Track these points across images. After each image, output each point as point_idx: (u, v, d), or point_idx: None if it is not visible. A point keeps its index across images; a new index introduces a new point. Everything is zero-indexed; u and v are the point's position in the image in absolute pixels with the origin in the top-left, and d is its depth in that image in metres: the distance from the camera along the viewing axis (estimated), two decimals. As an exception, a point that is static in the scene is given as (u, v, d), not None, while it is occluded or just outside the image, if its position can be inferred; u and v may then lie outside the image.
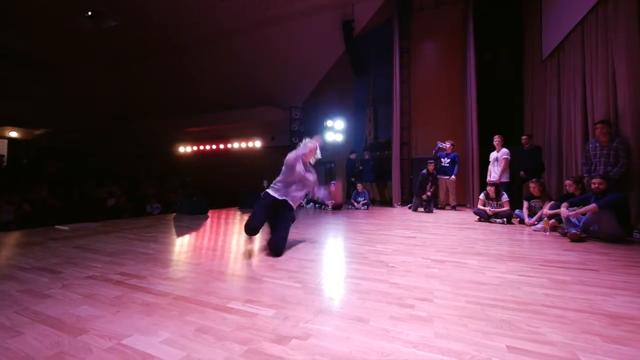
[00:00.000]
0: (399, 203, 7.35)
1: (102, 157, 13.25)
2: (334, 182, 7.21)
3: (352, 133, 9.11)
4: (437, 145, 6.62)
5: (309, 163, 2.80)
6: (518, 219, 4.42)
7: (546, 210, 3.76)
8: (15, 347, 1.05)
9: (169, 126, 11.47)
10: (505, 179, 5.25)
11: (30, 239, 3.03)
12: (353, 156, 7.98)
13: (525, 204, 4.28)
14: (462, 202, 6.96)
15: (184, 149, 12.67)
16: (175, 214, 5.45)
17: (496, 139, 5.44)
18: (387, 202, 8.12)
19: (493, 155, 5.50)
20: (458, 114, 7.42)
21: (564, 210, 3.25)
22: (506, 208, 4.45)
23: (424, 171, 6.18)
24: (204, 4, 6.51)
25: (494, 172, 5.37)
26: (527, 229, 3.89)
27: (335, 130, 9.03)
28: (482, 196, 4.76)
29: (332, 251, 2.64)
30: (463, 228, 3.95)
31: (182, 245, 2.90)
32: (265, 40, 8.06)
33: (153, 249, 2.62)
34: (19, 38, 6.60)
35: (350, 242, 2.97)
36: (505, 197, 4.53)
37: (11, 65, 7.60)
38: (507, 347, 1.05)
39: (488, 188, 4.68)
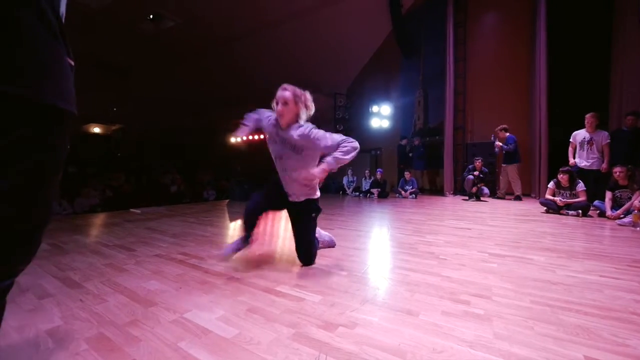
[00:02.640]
0: (452, 192, 6.89)
1: (167, 148, 14.66)
2: (380, 170, 7.02)
3: (400, 118, 8.70)
4: (495, 144, 5.97)
5: (299, 121, 1.84)
6: (598, 212, 3.83)
7: (637, 202, 3.18)
8: (102, 313, 1.22)
9: (222, 118, 12.20)
10: (596, 167, 4.34)
11: (112, 220, 3.51)
12: (404, 142, 7.64)
13: (609, 194, 3.67)
14: (527, 191, 6.26)
15: (236, 139, 13.41)
16: (228, 200, 5.84)
17: (589, 118, 4.40)
18: (438, 191, 7.68)
19: (581, 135, 4.47)
20: (523, 92, 6.59)
21: (636, 203, 2.72)
22: (582, 198, 3.87)
23: (470, 176, 5.73)
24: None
25: (585, 158, 4.40)
26: (609, 223, 3.35)
27: (382, 115, 8.72)
28: (551, 184, 4.20)
29: (378, 240, 2.58)
30: (527, 220, 3.56)
31: (234, 229, 3.09)
32: (309, 26, 7.99)
33: (210, 232, 2.84)
34: (97, 43, 7.50)
35: (398, 232, 2.86)
36: (581, 186, 3.93)
37: (92, 68, 8.72)
38: (585, 357, 0.91)
39: (560, 175, 4.10)
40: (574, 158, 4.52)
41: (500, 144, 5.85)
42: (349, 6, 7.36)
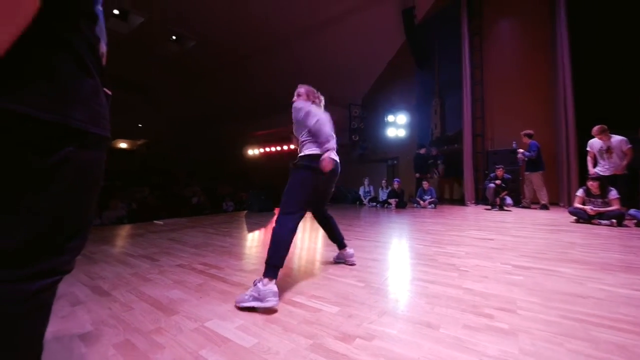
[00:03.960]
0: (473, 201, 6.68)
1: (187, 162, 15.22)
2: (397, 179, 6.94)
3: (416, 127, 8.63)
4: (517, 152, 5.80)
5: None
6: (635, 221, 3.59)
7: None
8: (128, 320, 1.27)
9: (239, 131, 12.60)
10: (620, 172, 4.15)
11: (137, 231, 3.66)
12: (422, 151, 7.52)
13: (644, 201, 3.45)
14: (554, 200, 5.97)
15: (252, 152, 13.74)
16: (246, 211, 5.95)
17: (596, 133, 4.30)
18: (458, 201, 7.47)
19: (597, 143, 4.34)
20: (545, 96, 6.38)
21: None
22: (616, 207, 3.65)
23: (491, 184, 5.56)
24: (265, 15, 6.92)
25: (606, 167, 4.24)
26: (646, 233, 3.13)
27: (398, 125, 8.70)
28: (580, 192, 4.00)
29: (397, 251, 2.54)
30: (555, 230, 3.39)
31: (252, 240, 3.14)
32: (322, 40, 8.18)
33: (229, 243, 2.90)
34: (124, 64, 8.01)
35: (417, 243, 2.81)
36: (614, 194, 3.71)
37: (119, 88, 9.31)
38: (621, 377, 0.85)
39: (589, 183, 3.90)
40: (594, 167, 4.33)
41: (522, 150, 5.66)
42: (361, 19, 7.51)
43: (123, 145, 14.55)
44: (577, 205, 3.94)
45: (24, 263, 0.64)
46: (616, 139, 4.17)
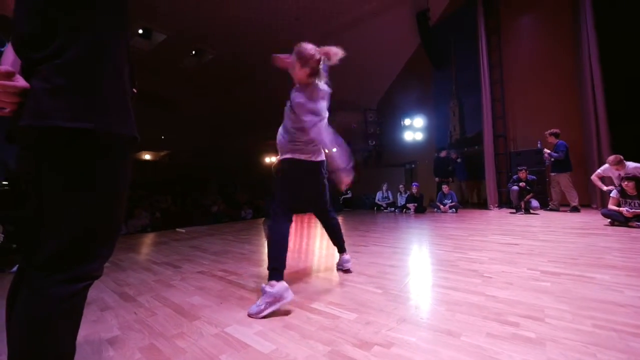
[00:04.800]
0: (496, 205, 6.43)
1: (208, 170, 15.68)
2: (415, 183, 6.81)
3: (434, 130, 8.47)
4: (543, 152, 5.57)
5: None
6: (676, 223, 3.32)
7: None
8: (153, 325, 1.32)
9: (256, 140, 12.86)
10: None
11: (160, 239, 3.80)
12: (443, 154, 7.34)
13: (687, 202, 3.19)
14: (585, 201, 5.64)
15: (270, 159, 13.97)
16: (264, 218, 6.03)
17: (612, 163, 4.14)
18: (481, 204, 7.22)
19: (614, 173, 4.20)
20: (571, 94, 6.09)
21: None
22: (654, 208, 3.40)
23: (515, 187, 5.34)
24: (279, 24, 7.10)
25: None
26: (692, 236, 2.89)
27: (415, 128, 8.57)
28: (614, 194, 3.76)
29: (416, 257, 2.48)
30: (587, 234, 3.19)
31: (270, 246, 3.17)
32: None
33: (247, 250, 2.95)
34: (147, 79, 8.44)
35: (437, 248, 2.74)
36: (651, 194, 3.47)
37: (142, 101, 9.82)
38: (664, 392, 0.79)
39: (624, 183, 3.66)
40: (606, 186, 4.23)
41: (548, 151, 5.41)
42: (375, 25, 7.53)
43: (147, 156, 15.22)
44: (612, 207, 3.70)
45: (62, 267, 0.69)
46: (631, 166, 4.00)
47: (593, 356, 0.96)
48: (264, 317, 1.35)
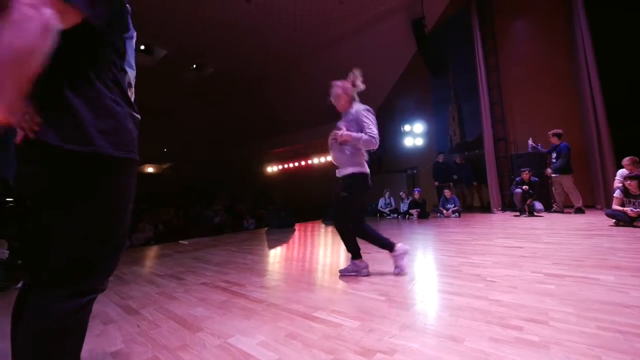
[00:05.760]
0: (500, 208, 6.40)
1: (209, 182, 15.76)
2: (417, 189, 6.80)
3: (435, 135, 8.49)
4: (529, 145, 5.67)
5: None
6: (681, 221, 3.29)
7: None
8: (156, 337, 1.32)
9: (257, 150, 12.97)
10: None
11: (163, 251, 3.80)
12: (441, 158, 7.36)
13: (692, 200, 3.16)
14: (590, 202, 5.60)
15: (272, 169, 14.03)
16: (266, 228, 6.03)
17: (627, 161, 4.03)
18: (484, 208, 7.18)
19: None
20: (569, 96, 6.13)
21: None
22: (658, 207, 3.37)
23: (518, 189, 5.32)
24: (277, 37, 7.23)
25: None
26: (698, 234, 2.86)
27: (415, 134, 8.61)
28: (618, 193, 3.74)
29: (420, 263, 2.47)
30: (591, 235, 3.17)
31: (274, 256, 3.17)
32: (336, 56, 8.38)
33: (250, 260, 2.95)
34: (149, 93, 8.59)
35: (440, 254, 2.72)
36: (655, 193, 3.45)
37: (145, 115, 9.98)
38: (670, 393, 0.78)
39: (627, 182, 3.65)
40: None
41: (533, 144, 5.64)
42: (371, 34, 7.64)
43: (150, 169, 15.35)
44: (616, 207, 3.68)
45: (67, 282, 0.71)
46: None
47: (597, 358, 0.95)
48: (345, 276, 2.09)
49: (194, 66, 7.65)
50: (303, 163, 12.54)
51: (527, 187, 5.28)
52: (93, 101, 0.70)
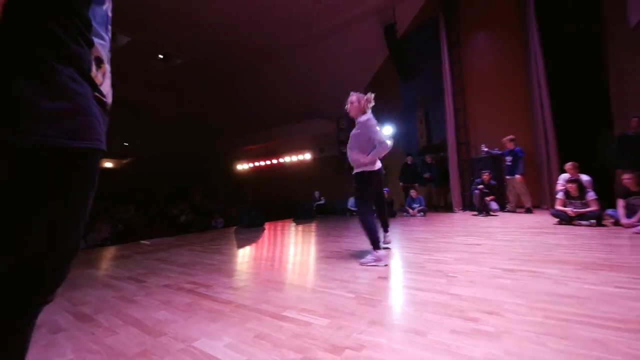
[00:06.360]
0: (460, 208, 6.80)
1: (175, 178, 15.02)
2: (386, 189, 7.01)
3: (403, 137, 8.81)
4: (482, 150, 6.14)
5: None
6: (612, 220, 3.73)
7: (650, 207, 3.10)
8: (113, 345, 1.23)
9: (228, 147, 12.58)
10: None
11: (122, 252, 3.56)
12: (409, 159, 7.63)
13: (621, 202, 3.59)
14: (538, 203, 6.14)
15: (242, 166, 13.69)
16: (235, 227, 5.88)
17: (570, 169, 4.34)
18: (447, 208, 7.59)
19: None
20: (523, 104, 6.66)
21: None
22: (594, 207, 3.79)
23: (477, 190, 5.69)
24: (252, 31, 7.08)
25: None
26: (625, 232, 3.25)
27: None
28: (560, 195, 4.14)
29: (387, 260, 2.55)
30: (539, 233, 3.48)
31: (242, 256, 3.10)
32: (310, 56, 8.39)
33: (218, 260, 2.86)
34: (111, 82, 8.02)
35: (406, 252, 2.84)
36: (592, 195, 3.86)
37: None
38: (601, 372, 0.88)
39: (568, 185, 4.06)
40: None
41: (487, 149, 6.12)
42: (346, 35, 7.76)
43: (108, 164, 14.28)
44: (559, 207, 4.07)
45: (7, 293, 0.61)
46: (584, 178, 4.25)
47: (543, 345, 1.05)
48: (367, 266, 2.29)
49: (161, 56, 7.23)
50: (275, 161, 12.39)
51: (482, 186, 5.65)
52: (41, 77, 0.55)
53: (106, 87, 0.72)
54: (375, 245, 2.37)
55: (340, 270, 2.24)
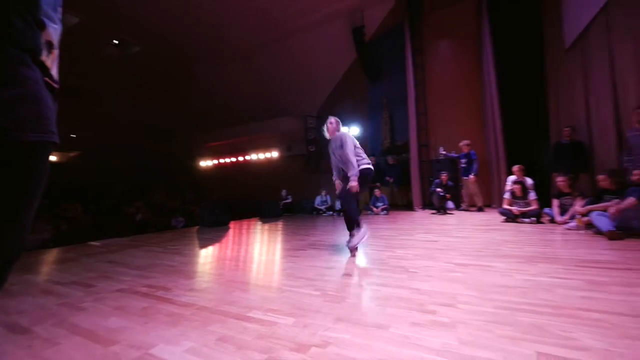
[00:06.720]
0: (420, 207, 7.17)
1: (130, 174, 13.96)
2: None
3: (368, 138, 9.06)
4: (440, 153, 6.59)
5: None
6: (549, 218, 4.18)
7: (578, 207, 3.53)
8: (53, 357, 1.12)
9: (190, 142, 11.97)
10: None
11: (67, 255, 3.23)
12: (373, 160, 7.87)
13: (555, 201, 4.05)
14: (488, 202, 6.69)
15: (206, 163, 13.12)
16: (198, 226, 5.62)
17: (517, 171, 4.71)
18: (408, 206, 7.95)
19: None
20: (478, 111, 7.21)
21: (577, 208, 3.24)
22: (534, 207, 4.22)
23: (439, 190, 6.03)
24: (221, 27, 6.80)
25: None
26: (559, 228, 3.67)
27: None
28: (507, 195, 4.56)
29: (351, 258, 2.61)
30: (489, 230, 3.79)
31: (205, 256, 2.98)
32: (278, 54, 8.28)
33: (178, 261, 2.71)
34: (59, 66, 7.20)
35: (370, 249, 2.93)
36: (532, 195, 4.31)
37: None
38: (537, 353, 0.99)
39: (514, 186, 4.48)
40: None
41: (445, 152, 6.60)
42: (316, 35, 7.77)
43: (51, 157, 12.85)
44: (505, 206, 4.47)
45: None
46: (528, 181, 4.58)
47: (491, 332, 1.15)
48: (356, 246, 2.62)
49: (116, 42, 6.66)
50: (241, 159, 12.05)
51: (440, 189, 6.02)
52: None
53: (54, 72, 0.66)
54: (358, 224, 2.72)
55: (306, 268, 2.25)
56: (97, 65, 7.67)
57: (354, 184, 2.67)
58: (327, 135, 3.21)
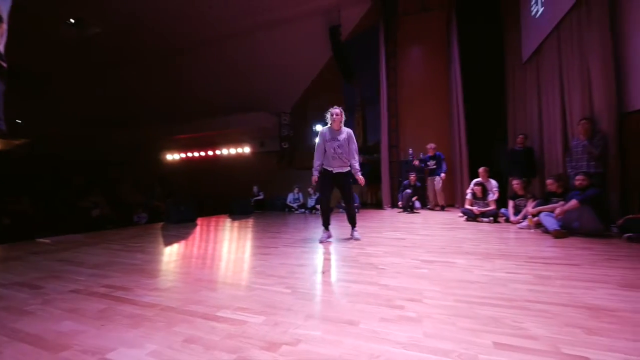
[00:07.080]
0: (389, 205, 7.41)
1: (86, 166, 12.90)
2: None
3: (341, 137, 9.17)
4: (409, 154, 6.88)
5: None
6: (504, 218, 4.52)
7: (529, 208, 3.86)
8: (-7, 367, 1.01)
9: (157, 133, 11.32)
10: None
11: (10, 253, 2.92)
12: None
13: (511, 202, 4.39)
14: (452, 202, 7.08)
15: (172, 157, 12.50)
16: (162, 223, 5.35)
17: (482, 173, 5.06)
18: (377, 205, 8.18)
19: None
20: (445, 115, 7.58)
21: (529, 209, 3.70)
22: (492, 207, 4.55)
23: (408, 191, 6.26)
24: (192, 10, 6.48)
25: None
26: (512, 227, 3.98)
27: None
28: (469, 196, 4.86)
29: (322, 255, 2.64)
30: (452, 228, 4.02)
31: (170, 254, 2.84)
32: (253, 46, 8.08)
33: (140, 260, 2.56)
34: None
35: (341, 246, 2.97)
36: (491, 196, 4.64)
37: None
38: (494, 343, 1.07)
39: (474, 187, 4.78)
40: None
41: (414, 157, 6.98)
42: (292, 30, 7.69)
43: (-7, 145, 11.50)
44: (467, 206, 4.77)
45: None
46: (492, 182, 4.99)
47: (453, 324, 1.22)
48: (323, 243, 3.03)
49: (72, 20, 6.09)
50: (211, 153, 11.63)
51: (409, 190, 6.26)
52: None
53: (2, 48, 0.59)
54: (328, 226, 3.31)
55: (277, 266, 2.23)
56: (49, 46, 6.97)
57: (362, 177, 3.23)
58: (330, 124, 3.26)
